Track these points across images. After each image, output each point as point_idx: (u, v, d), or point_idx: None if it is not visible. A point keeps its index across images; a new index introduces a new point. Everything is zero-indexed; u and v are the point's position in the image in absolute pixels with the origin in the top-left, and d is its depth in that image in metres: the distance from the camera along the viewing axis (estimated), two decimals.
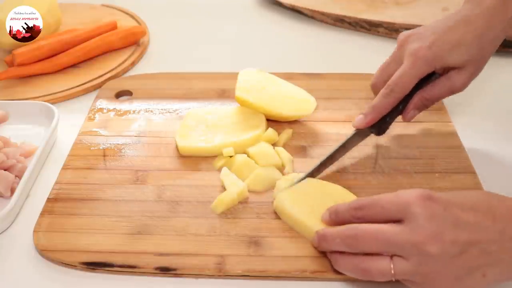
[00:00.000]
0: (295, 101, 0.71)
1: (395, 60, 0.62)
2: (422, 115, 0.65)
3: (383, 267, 0.47)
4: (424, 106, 0.63)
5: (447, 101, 0.73)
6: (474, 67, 0.60)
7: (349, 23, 0.96)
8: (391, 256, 0.47)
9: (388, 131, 0.63)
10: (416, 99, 0.61)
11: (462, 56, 0.59)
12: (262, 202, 0.60)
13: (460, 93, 0.63)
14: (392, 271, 0.47)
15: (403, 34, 0.62)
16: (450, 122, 0.71)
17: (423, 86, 0.61)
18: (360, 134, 0.63)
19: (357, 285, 0.52)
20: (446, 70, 0.61)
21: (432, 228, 0.46)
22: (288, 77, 0.77)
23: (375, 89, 0.64)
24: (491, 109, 0.76)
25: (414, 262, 0.46)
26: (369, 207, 0.50)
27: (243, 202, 0.60)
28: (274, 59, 0.90)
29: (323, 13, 0.98)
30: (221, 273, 0.53)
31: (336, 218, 0.53)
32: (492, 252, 0.46)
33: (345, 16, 0.95)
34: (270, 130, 0.69)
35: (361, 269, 0.49)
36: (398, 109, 0.62)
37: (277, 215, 0.59)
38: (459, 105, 0.75)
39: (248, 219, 0.58)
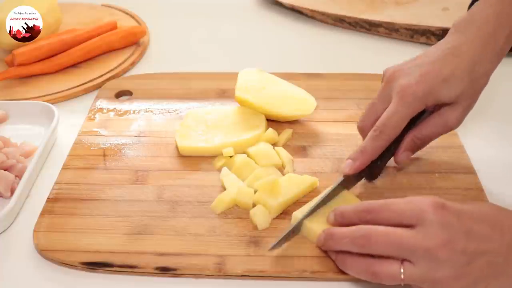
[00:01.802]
0: (295, 101, 0.71)
1: (382, 99, 0.58)
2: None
3: (393, 271, 0.47)
4: (416, 146, 0.59)
5: None
6: (467, 101, 0.57)
7: (349, 23, 0.96)
8: (402, 261, 0.47)
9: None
10: (407, 139, 0.58)
11: (454, 91, 0.55)
12: None
13: None
14: (402, 276, 0.47)
15: (388, 70, 0.59)
16: None
17: (414, 125, 0.58)
18: (349, 181, 0.58)
19: (357, 285, 0.53)
20: (438, 107, 0.57)
21: (445, 236, 0.46)
22: (288, 77, 0.77)
23: (363, 132, 0.60)
24: (491, 109, 0.76)
25: (423, 268, 0.46)
26: (379, 211, 0.49)
27: None
28: (274, 59, 0.90)
29: (323, 13, 0.98)
30: (221, 273, 0.53)
31: (342, 220, 0.52)
32: (497, 264, 0.46)
33: (345, 16, 0.95)
34: (270, 130, 0.69)
35: (371, 272, 0.48)
36: (390, 151, 0.58)
37: (276, 215, 0.59)
38: None
39: (248, 219, 0.58)
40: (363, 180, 0.62)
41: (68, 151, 0.69)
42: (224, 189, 0.62)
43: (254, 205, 0.59)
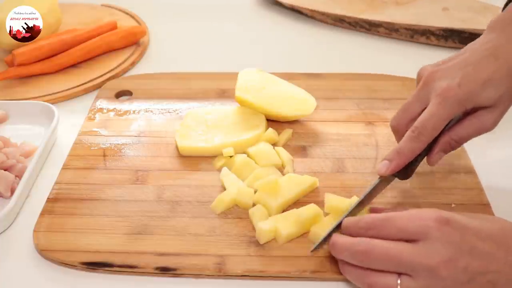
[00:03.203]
0: (295, 101, 0.71)
1: (420, 99, 0.56)
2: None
3: (389, 283, 0.47)
4: (450, 148, 0.57)
5: None
6: (505, 104, 0.55)
7: (349, 23, 0.96)
8: (399, 274, 0.47)
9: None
10: (443, 140, 0.56)
11: (494, 94, 0.54)
12: None
13: None
14: (398, 287, 0.47)
15: (426, 70, 0.57)
16: None
17: (449, 127, 0.56)
18: (385, 181, 0.57)
19: (357, 285, 0.53)
20: (474, 108, 0.55)
21: (448, 254, 0.45)
22: (288, 77, 0.77)
23: (397, 132, 0.58)
24: None
25: (422, 283, 0.46)
26: (382, 226, 0.49)
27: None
28: (274, 59, 0.90)
29: (323, 13, 0.98)
30: (221, 273, 0.53)
31: (347, 233, 0.51)
32: (498, 284, 0.46)
33: (345, 16, 0.95)
34: (270, 130, 0.69)
35: (367, 282, 0.48)
36: (425, 152, 0.56)
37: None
38: None
39: (248, 219, 0.58)
40: (363, 175, 0.62)
41: (68, 151, 0.69)
42: (224, 189, 0.62)
43: (254, 205, 0.59)
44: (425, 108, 0.55)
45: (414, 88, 0.79)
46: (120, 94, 0.80)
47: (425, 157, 0.58)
